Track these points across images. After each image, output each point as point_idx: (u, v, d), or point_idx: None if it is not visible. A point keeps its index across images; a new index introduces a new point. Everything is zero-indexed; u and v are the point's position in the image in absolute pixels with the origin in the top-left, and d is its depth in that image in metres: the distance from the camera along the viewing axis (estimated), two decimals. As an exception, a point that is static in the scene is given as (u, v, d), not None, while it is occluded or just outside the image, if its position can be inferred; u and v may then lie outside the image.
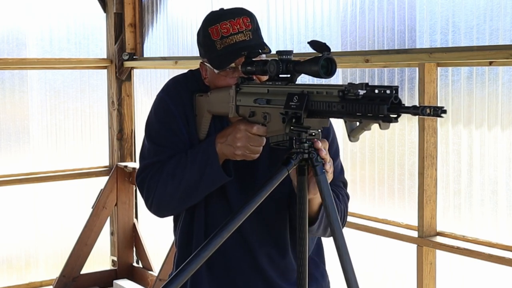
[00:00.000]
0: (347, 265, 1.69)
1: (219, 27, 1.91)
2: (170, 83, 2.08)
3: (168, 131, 2.00)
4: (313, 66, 1.67)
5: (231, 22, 1.91)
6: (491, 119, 2.87)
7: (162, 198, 1.96)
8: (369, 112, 1.52)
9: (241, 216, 1.68)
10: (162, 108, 2.03)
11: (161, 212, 2.03)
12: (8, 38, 4.86)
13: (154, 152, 2.00)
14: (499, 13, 2.80)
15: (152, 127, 2.05)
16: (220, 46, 1.91)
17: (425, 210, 3.00)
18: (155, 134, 2.02)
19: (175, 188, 1.93)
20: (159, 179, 1.95)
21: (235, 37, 1.90)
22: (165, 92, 2.05)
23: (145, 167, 2.01)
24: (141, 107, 5.19)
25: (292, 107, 1.69)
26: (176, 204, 1.98)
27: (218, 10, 1.99)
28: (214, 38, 1.92)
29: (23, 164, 4.92)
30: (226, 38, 1.90)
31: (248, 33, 1.91)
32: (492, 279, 2.96)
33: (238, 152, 1.85)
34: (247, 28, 1.92)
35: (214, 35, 1.92)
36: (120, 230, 5.12)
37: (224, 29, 1.91)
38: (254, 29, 1.93)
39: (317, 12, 3.62)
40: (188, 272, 1.65)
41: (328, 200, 1.69)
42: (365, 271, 3.44)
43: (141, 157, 2.05)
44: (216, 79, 1.97)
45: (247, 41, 1.91)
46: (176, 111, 2.00)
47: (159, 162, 1.97)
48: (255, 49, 1.89)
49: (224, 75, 1.94)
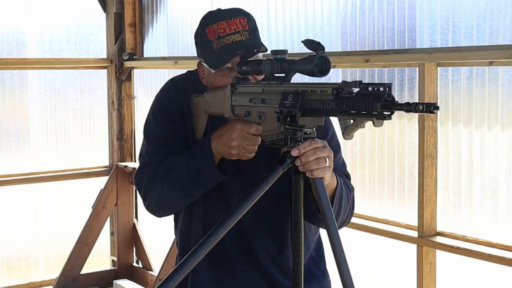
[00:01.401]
0: (342, 263, 1.70)
1: (216, 27, 1.92)
2: (168, 84, 2.10)
3: (166, 131, 2.01)
4: (308, 65, 1.68)
5: (228, 22, 1.92)
6: (491, 119, 2.87)
7: (159, 197, 1.97)
8: (363, 110, 1.53)
9: (238, 214, 1.69)
10: (160, 109, 2.04)
11: (159, 212, 2.04)
12: (8, 38, 4.87)
13: (152, 152, 2.02)
14: (499, 13, 2.80)
15: (150, 127, 2.06)
16: (216, 46, 1.92)
17: (425, 210, 2.99)
18: (152, 134, 2.04)
19: (172, 188, 1.94)
20: (156, 178, 1.96)
21: (231, 37, 1.91)
22: (163, 93, 2.07)
23: (143, 167, 2.03)
24: (141, 107, 5.19)
25: (287, 106, 1.70)
26: (173, 203, 1.99)
27: (215, 10, 2.00)
28: (211, 38, 1.92)
29: (23, 164, 4.92)
30: (222, 38, 1.91)
31: (245, 33, 1.92)
32: (492, 279, 2.95)
33: (234, 151, 1.85)
34: (244, 28, 1.92)
35: (211, 35, 1.92)
36: (120, 230, 5.12)
37: (221, 29, 1.92)
38: (251, 29, 1.94)
39: (317, 12, 3.62)
40: (185, 269, 1.65)
41: (323, 199, 1.70)
42: (365, 271, 3.44)
43: (140, 157, 2.08)
44: (213, 79, 1.97)
45: (243, 41, 1.91)
46: (173, 111, 2.01)
47: (157, 162, 1.99)
48: (251, 49, 1.90)
49: (221, 75, 1.95)
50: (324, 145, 1.76)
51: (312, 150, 1.72)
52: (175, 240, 2.15)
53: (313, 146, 1.73)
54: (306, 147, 1.72)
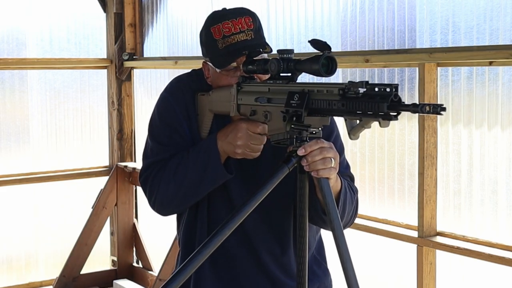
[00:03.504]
0: (347, 263, 1.70)
1: (221, 27, 1.92)
2: (173, 82, 2.09)
3: (171, 130, 2.01)
4: (314, 65, 1.68)
5: (233, 21, 1.92)
6: (491, 119, 2.87)
7: (164, 196, 1.97)
8: (369, 110, 1.52)
9: (242, 214, 1.68)
10: (165, 108, 2.04)
11: (164, 210, 2.04)
12: (8, 38, 4.87)
13: (157, 151, 2.01)
14: (499, 13, 2.80)
15: (155, 126, 2.06)
16: (221, 46, 1.91)
17: (425, 210, 3.00)
18: (157, 133, 2.04)
19: (178, 186, 1.94)
20: (162, 177, 1.96)
21: (236, 36, 1.91)
22: (168, 91, 2.07)
23: (148, 166, 2.02)
24: (141, 107, 5.19)
25: (292, 105, 1.70)
26: (179, 202, 1.98)
27: (220, 10, 1.99)
28: (216, 38, 1.92)
29: (23, 164, 4.92)
30: (227, 37, 1.91)
31: (250, 33, 1.92)
32: (492, 279, 2.96)
33: (239, 150, 1.85)
34: (249, 27, 1.92)
35: (216, 34, 1.92)
36: (120, 230, 5.12)
37: (226, 29, 1.91)
38: (256, 29, 1.94)
39: (317, 12, 3.63)
40: (189, 269, 1.65)
41: (328, 198, 1.69)
42: (365, 271, 3.44)
43: (144, 156, 2.07)
44: (218, 78, 1.97)
45: (248, 40, 1.91)
46: (178, 110, 2.01)
47: (162, 161, 1.99)
48: (257, 48, 1.90)
49: (226, 74, 1.95)
50: (330, 146, 1.76)
51: (318, 150, 1.72)
52: (178, 238, 2.15)
53: (319, 146, 1.73)
54: (312, 146, 1.72)
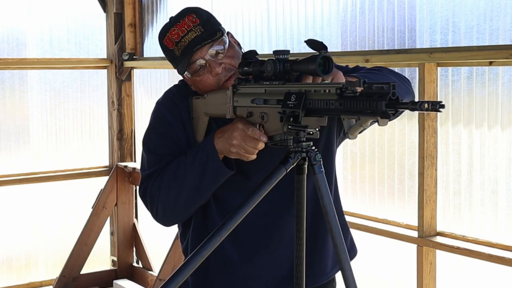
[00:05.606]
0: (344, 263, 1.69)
1: (170, 36, 1.93)
2: (164, 95, 2.09)
3: (166, 139, 1.99)
4: (310, 65, 1.67)
5: (178, 26, 1.93)
6: (491, 119, 2.87)
7: (166, 203, 1.93)
8: (367, 109, 1.51)
9: (240, 215, 1.67)
10: (158, 118, 2.03)
11: (168, 219, 2.01)
12: (8, 38, 4.87)
13: (154, 162, 1.99)
14: (499, 13, 2.80)
15: (149, 138, 2.05)
16: (178, 52, 1.93)
17: (425, 210, 2.99)
18: (153, 144, 2.02)
19: (179, 190, 1.91)
20: (161, 184, 1.93)
21: (186, 37, 1.91)
22: (160, 104, 2.07)
23: (146, 178, 2.00)
24: (141, 107, 5.19)
25: (289, 106, 1.68)
26: (182, 208, 1.95)
27: (167, 21, 2.00)
28: (171, 48, 1.94)
29: (23, 164, 4.92)
30: (179, 42, 1.92)
31: (198, 28, 1.92)
32: (492, 279, 2.95)
33: (233, 149, 1.83)
34: (195, 23, 1.93)
35: (170, 44, 1.94)
36: (120, 230, 5.12)
37: (175, 35, 1.93)
38: (203, 22, 1.94)
39: (317, 12, 3.62)
40: (187, 271, 1.64)
41: (326, 199, 1.69)
42: (365, 271, 3.43)
43: (142, 170, 2.04)
44: (197, 83, 1.97)
45: (199, 35, 1.92)
46: (171, 118, 2.00)
47: (159, 170, 1.96)
48: (209, 38, 1.91)
49: (201, 76, 1.95)
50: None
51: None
52: (183, 245, 2.12)
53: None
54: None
